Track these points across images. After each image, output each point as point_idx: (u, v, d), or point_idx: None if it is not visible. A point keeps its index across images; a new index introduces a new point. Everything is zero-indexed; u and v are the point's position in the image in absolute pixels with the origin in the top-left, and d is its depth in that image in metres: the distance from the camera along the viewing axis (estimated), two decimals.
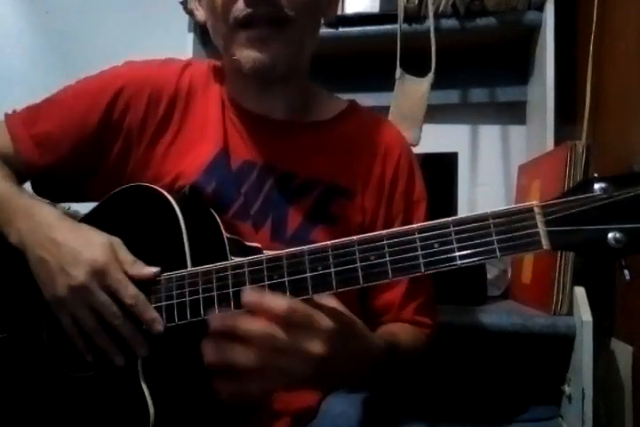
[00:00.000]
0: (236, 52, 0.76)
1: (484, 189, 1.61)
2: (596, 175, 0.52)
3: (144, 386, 0.66)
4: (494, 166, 1.62)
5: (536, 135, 1.44)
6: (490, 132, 1.63)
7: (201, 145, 0.82)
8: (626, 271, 0.52)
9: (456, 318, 1.10)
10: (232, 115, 0.85)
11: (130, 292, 0.66)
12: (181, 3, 1.45)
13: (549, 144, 1.30)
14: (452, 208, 1.31)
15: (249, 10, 0.73)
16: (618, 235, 0.49)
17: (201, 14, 0.86)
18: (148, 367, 0.67)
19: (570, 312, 1.06)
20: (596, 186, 0.51)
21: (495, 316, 1.10)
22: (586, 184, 0.52)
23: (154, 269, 0.68)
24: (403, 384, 0.92)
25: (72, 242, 0.69)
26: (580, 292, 1.05)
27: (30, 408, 0.73)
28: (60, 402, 0.71)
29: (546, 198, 0.53)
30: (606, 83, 1.21)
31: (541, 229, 0.52)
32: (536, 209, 0.53)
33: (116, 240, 0.70)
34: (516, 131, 1.61)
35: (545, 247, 0.52)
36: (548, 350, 1.12)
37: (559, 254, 1.06)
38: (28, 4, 1.95)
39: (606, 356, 1.11)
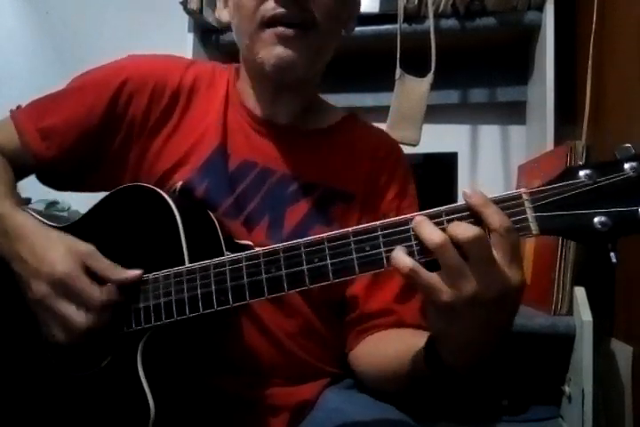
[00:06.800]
0: (261, 51, 0.77)
1: (484, 189, 1.60)
2: (580, 163, 0.53)
3: (144, 382, 0.66)
4: (494, 166, 1.62)
5: (536, 135, 1.43)
6: (490, 132, 1.63)
7: (199, 142, 0.83)
8: (612, 254, 0.53)
9: None
10: (237, 115, 0.86)
11: (95, 298, 0.66)
12: (181, 3, 1.45)
13: (549, 144, 1.31)
14: None
15: (279, 10, 0.74)
16: (603, 218, 0.51)
17: (225, 14, 0.86)
18: (148, 364, 0.67)
19: (570, 312, 1.06)
20: (581, 173, 0.52)
21: None
22: (571, 171, 0.53)
23: (137, 272, 0.68)
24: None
25: (35, 256, 0.69)
26: (580, 292, 1.05)
27: (31, 408, 0.73)
28: (61, 401, 0.71)
29: None
30: (606, 83, 1.21)
31: (530, 214, 0.53)
32: (524, 196, 0.54)
33: (86, 249, 0.69)
34: (515, 131, 1.61)
35: (534, 232, 0.53)
36: (548, 350, 1.12)
37: (559, 254, 1.06)
38: (27, 4, 1.95)
39: (606, 356, 1.11)
